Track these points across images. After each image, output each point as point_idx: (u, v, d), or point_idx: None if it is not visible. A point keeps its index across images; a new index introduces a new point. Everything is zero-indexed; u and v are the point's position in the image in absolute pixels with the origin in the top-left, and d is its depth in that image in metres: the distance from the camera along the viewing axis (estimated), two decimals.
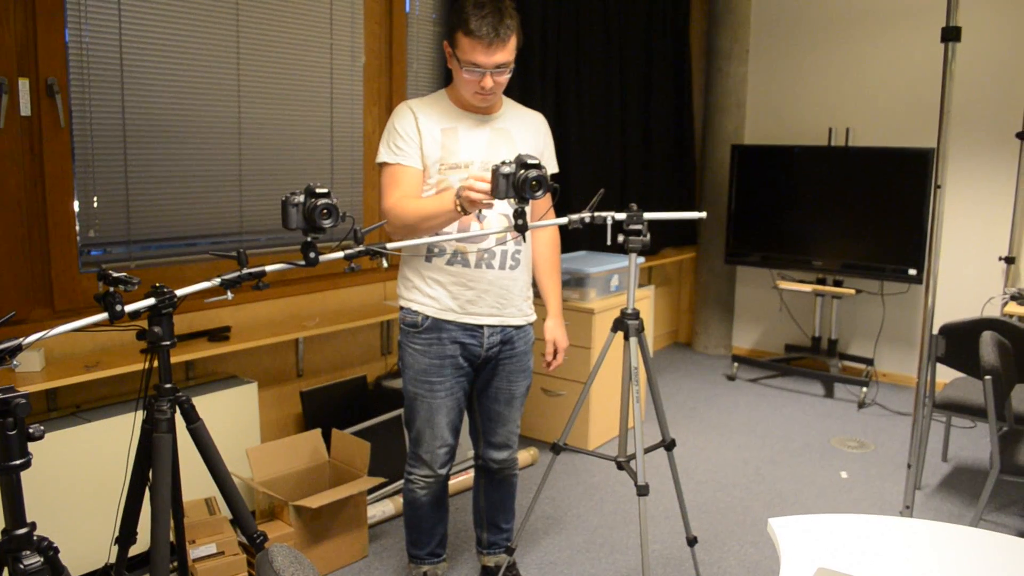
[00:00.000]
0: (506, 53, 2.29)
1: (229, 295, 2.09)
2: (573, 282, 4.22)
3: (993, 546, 1.57)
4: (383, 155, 2.43)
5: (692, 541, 2.69)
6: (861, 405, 5.11)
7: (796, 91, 5.84)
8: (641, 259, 4.52)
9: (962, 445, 4.48)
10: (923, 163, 4.93)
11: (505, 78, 2.35)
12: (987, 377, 3.00)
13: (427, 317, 2.48)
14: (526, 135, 2.54)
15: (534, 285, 2.68)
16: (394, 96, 3.94)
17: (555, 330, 2.68)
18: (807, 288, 5.48)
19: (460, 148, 2.42)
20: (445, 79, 4.17)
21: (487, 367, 2.61)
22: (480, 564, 2.97)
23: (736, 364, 5.67)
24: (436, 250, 2.45)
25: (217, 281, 2.08)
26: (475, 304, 2.48)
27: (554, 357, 2.69)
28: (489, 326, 2.51)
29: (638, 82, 5.41)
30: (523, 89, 4.43)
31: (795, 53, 5.82)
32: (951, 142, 5.27)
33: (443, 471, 2.64)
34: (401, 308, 2.56)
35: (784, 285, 5.57)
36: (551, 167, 2.59)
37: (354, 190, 3.87)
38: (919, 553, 1.54)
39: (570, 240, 4.89)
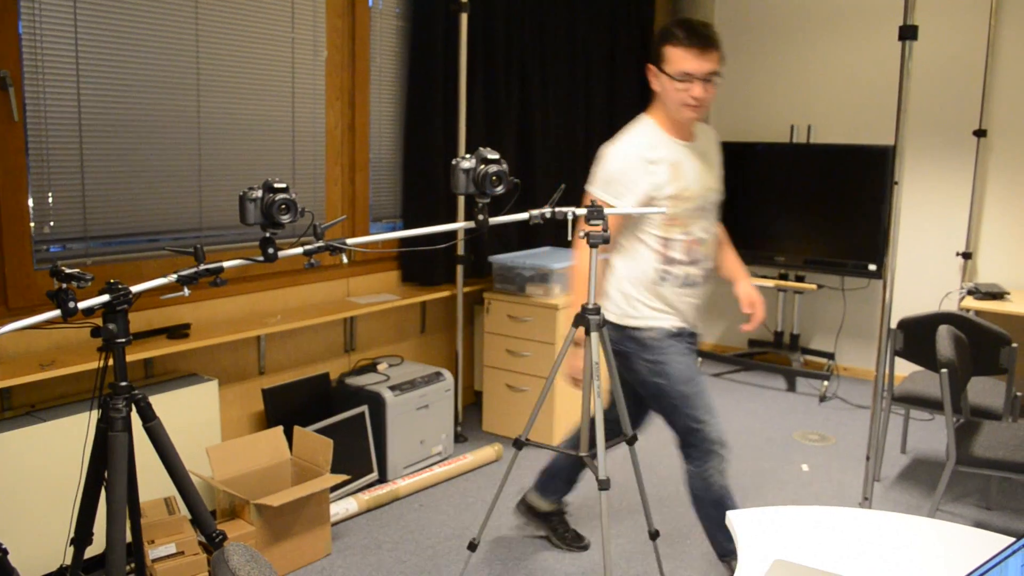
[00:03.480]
0: (715, 62, 2.45)
1: (186, 291, 2.07)
2: (537, 278, 4.23)
3: (947, 536, 1.60)
4: (608, 198, 2.61)
5: (654, 535, 2.70)
6: (822, 399, 5.17)
7: (758, 88, 5.89)
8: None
9: (921, 437, 4.55)
10: (882, 160, 5.00)
11: (712, 90, 2.48)
12: (943, 370, 3.05)
13: (675, 325, 2.70)
14: (714, 154, 2.74)
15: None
16: (357, 92, 3.91)
17: (747, 287, 2.85)
18: (770, 284, 5.53)
19: (688, 182, 2.58)
20: (409, 75, 4.14)
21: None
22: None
23: (700, 359, 5.71)
24: (668, 276, 2.65)
25: (173, 277, 2.05)
26: (695, 315, 2.78)
27: (753, 313, 2.83)
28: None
29: (603, 79, 5.42)
30: (487, 85, 4.43)
31: (757, 51, 5.87)
32: (910, 139, 5.35)
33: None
34: (639, 329, 2.68)
35: None
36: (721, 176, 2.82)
37: (316, 186, 3.84)
38: (875, 544, 1.56)
39: (534, 237, 4.89)
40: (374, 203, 4.13)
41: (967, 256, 5.21)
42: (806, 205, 5.37)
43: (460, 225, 2.26)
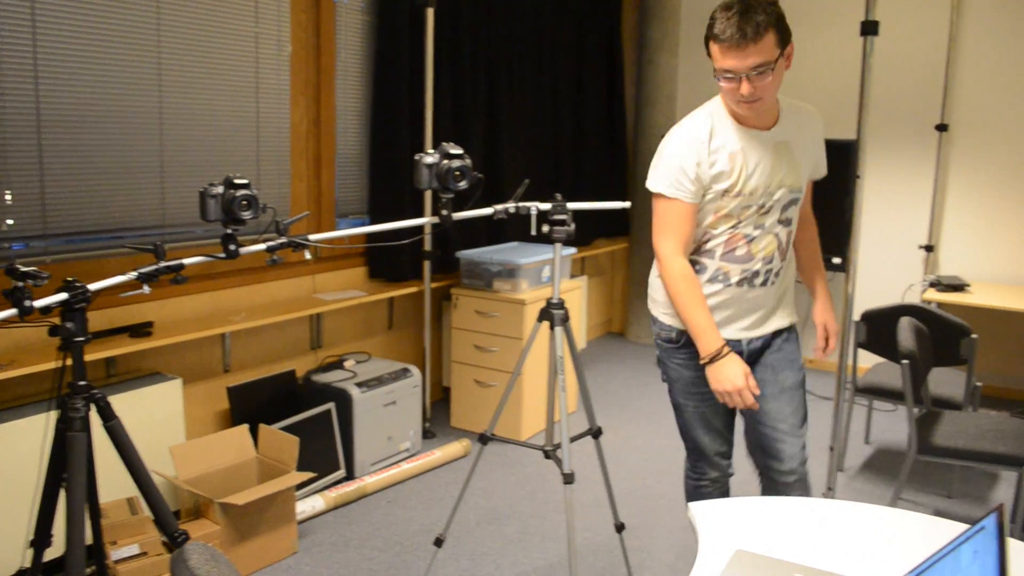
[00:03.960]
0: (760, 53, 2.03)
1: (146, 289, 2.04)
2: (504, 273, 4.23)
3: (907, 525, 1.62)
4: (661, 187, 2.20)
5: (620, 527, 2.72)
6: None
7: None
8: (572, 250, 4.54)
9: (884, 428, 4.61)
10: (846, 155, 5.06)
11: (767, 81, 2.06)
12: (904, 361, 3.09)
13: (683, 332, 2.32)
14: (806, 144, 2.31)
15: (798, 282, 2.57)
16: (322, 87, 3.88)
17: (824, 314, 2.52)
18: None
19: (749, 174, 2.20)
20: (375, 71, 4.12)
21: (751, 365, 2.41)
22: None
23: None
24: (697, 267, 2.29)
25: (133, 275, 2.03)
26: (734, 321, 2.33)
27: (826, 343, 2.52)
28: (748, 339, 2.36)
29: (570, 74, 5.43)
30: (454, 81, 4.42)
31: None
32: (873, 134, 5.41)
33: (731, 470, 2.56)
34: (655, 321, 2.41)
35: None
36: (822, 170, 2.43)
37: (281, 182, 3.80)
38: (836, 533, 1.57)
39: (501, 232, 4.89)
40: (340, 199, 4.10)
41: (929, 249, 5.29)
42: None
43: (424, 220, 2.26)
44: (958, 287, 4.73)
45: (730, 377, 2.12)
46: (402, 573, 2.99)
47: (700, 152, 2.15)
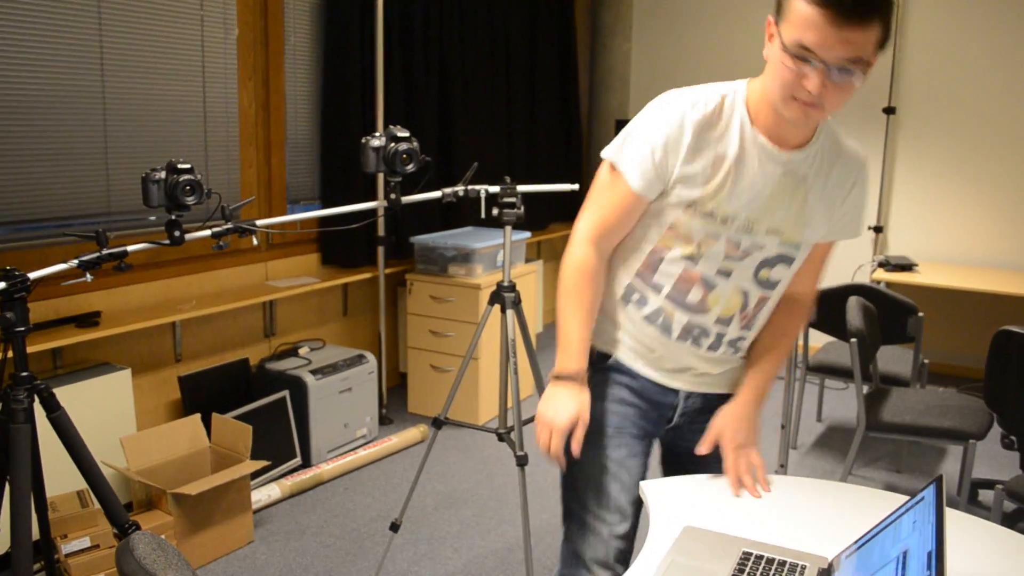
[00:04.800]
0: (864, 43, 1.38)
1: (88, 277, 2.00)
2: (459, 258, 4.22)
3: (856, 499, 1.65)
4: (614, 154, 1.63)
5: None
6: None
7: (678, 67, 5.96)
8: (526, 234, 4.55)
9: (835, 406, 4.70)
10: None
11: (850, 85, 1.41)
12: (853, 340, 3.15)
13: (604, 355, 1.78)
14: (832, 192, 1.64)
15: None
16: (271, 70, 3.83)
17: (731, 421, 1.74)
18: None
19: (728, 195, 1.58)
20: (325, 54, 4.07)
21: (677, 428, 1.83)
22: None
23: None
24: (636, 296, 1.70)
25: (75, 262, 1.99)
26: (670, 371, 1.75)
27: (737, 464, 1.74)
28: (689, 392, 1.77)
29: (523, 58, 5.41)
30: (406, 64, 4.38)
31: (676, 29, 5.93)
32: None
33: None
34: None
35: None
36: (853, 231, 1.72)
37: (231, 168, 3.75)
38: (786, 508, 1.60)
39: (455, 217, 4.87)
40: (291, 185, 4.06)
41: (878, 230, 5.38)
42: None
43: (373, 204, 2.24)
44: (906, 267, 4.82)
45: (558, 410, 1.61)
46: (359, 559, 2.98)
47: (683, 136, 1.55)
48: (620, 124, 5.72)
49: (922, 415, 3.16)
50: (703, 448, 1.72)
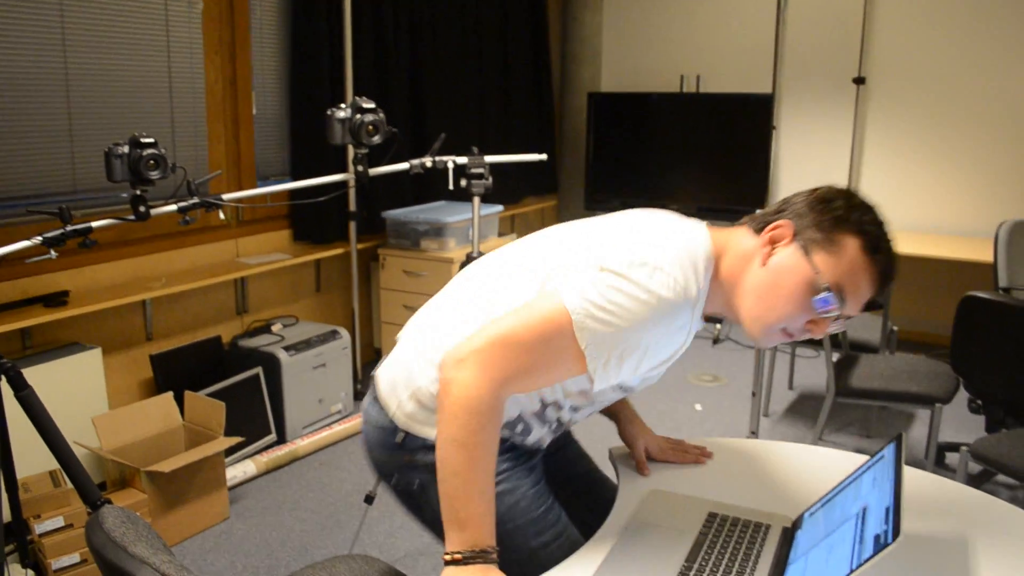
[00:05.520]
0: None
1: (52, 254, 1.99)
2: (431, 232, 4.21)
3: (823, 461, 1.67)
4: (588, 333, 1.29)
5: None
6: (716, 341, 5.34)
7: (648, 39, 5.95)
8: (499, 207, 4.54)
9: (807, 374, 4.75)
10: (766, 108, 5.13)
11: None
12: None
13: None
14: None
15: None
16: (237, 45, 3.78)
17: (642, 437, 1.70)
18: None
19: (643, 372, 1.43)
20: (293, 26, 4.01)
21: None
22: None
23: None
24: (520, 427, 1.47)
25: (38, 239, 1.97)
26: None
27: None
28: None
29: (495, 31, 5.38)
30: (376, 37, 4.33)
31: (646, 1, 5.91)
32: (792, 88, 5.49)
33: None
34: (407, 436, 1.46)
35: None
36: None
37: (198, 144, 3.71)
38: (752, 470, 1.62)
39: (428, 191, 4.85)
40: (261, 161, 4.02)
41: None
42: (696, 153, 5.48)
43: (340, 177, 2.23)
44: None
45: None
46: (335, 532, 2.99)
47: (672, 343, 1.36)
48: (592, 97, 5.71)
49: (890, 380, 3.20)
50: (646, 472, 1.62)
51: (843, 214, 1.31)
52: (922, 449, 3.72)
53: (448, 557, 1.24)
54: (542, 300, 1.31)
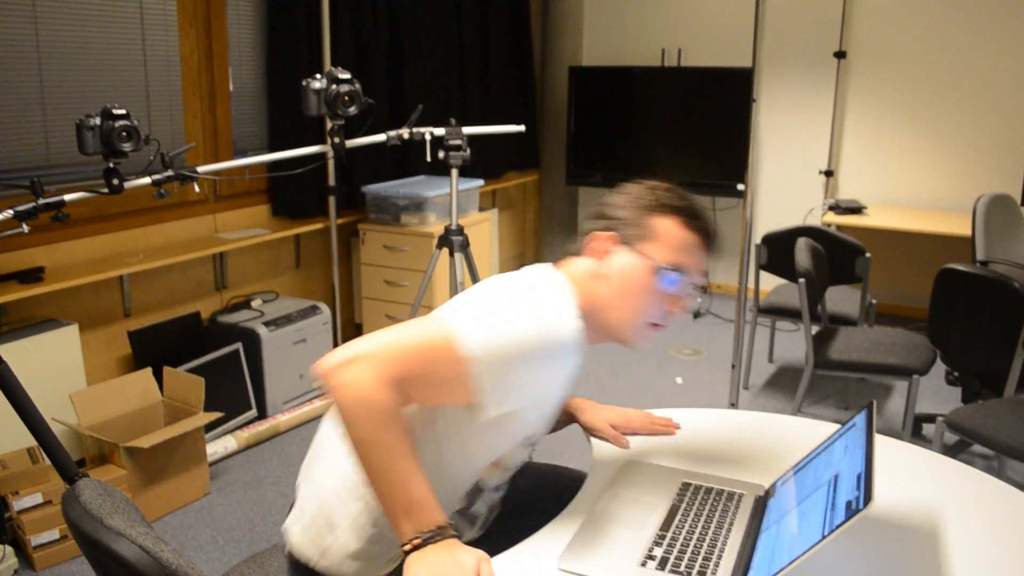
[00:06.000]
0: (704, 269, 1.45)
1: (25, 228, 1.96)
2: (412, 207, 4.19)
3: (796, 430, 1.69)
4: (466, 337, 1.26)
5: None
6: (696, 315, 5.36)
7: (630, 12, 5.91)
8: (479, 181, 4.52)
9: (787, 347, 4.78)
10: (747, 81, 5.12)
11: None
12: (801, 280, 3.20)
13: None
14: None
15: None
16: (212, 17, 3.72)
17: (606, 411, 1.70)
18: None
19: (550, 413, 1.44)
20: (269, 4, 3.95)
21: None
22: None
23: None
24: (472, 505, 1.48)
25: (9, 213, 1.94)
26: None
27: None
28: None
29: (474, 4, 5.33)
30: (355, 11, 4.28)
31: None
32: (774, 62, 5.48)
33: None
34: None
35: None
36: None
37: (174, 118, 3.66)
38: (727, 440, 1.63)
39: (409, 165, 4.82)
40: (239, 135, 3.98)
41: (829, 174, 5.43)
42: (678, 128, 5.47)
43: (316, 149, 2.21)
44: (856, 210, 4.89)
45: (451, 568, 1.17)
46: None
47: (556, 380, 1.35)
48: (573, 71, 5.68)
49: (868, 352, 3.23)
50: (625, 444, 1.63)
51: (649, 203, 1.42)
52: (899, 420, 3.76)
53: (408, 547, 1.20)
54: (425, 320, 1.30)
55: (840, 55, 5.26)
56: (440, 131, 2.20)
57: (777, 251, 3.91)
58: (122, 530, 1.22)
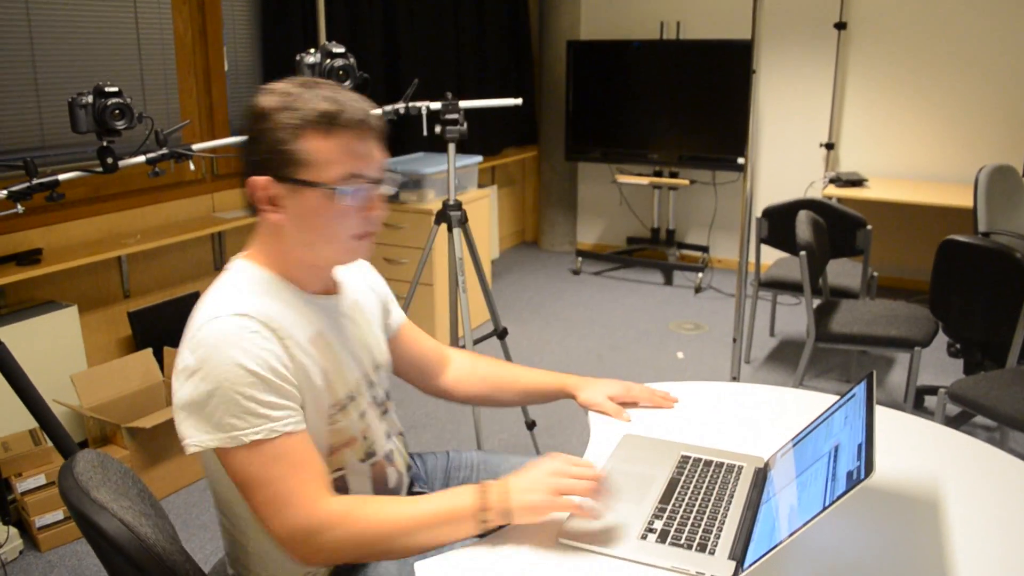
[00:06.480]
0: (380, 149, 1.33)
1: (20, 208, 1.95)
2: (410, 184, 4.17)
3: (795, 402, 1.68)
4: (237, 429, 1.20)
5: (531, 425, 2.77)
6: (697, 290, 5.35)
7: None
8: (478, 158, 4.50)
9: (788, 321, 4.77)
10: (747, 54, 5.08)
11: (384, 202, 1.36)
12: (802, 252, 3.18)
13: None
14: (372, 303, 1.55)
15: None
16: None
17: (605, 385, 1.69)
18: (645, 181, 5.62)
19: (342, 367, 1.37)
20: None
21: None
22: None
23: (580, 259, 5.80)
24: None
25: (2, 193, 1.93)
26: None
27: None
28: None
29: None
30: None
31: None
32: (774, 34, 5.44)
33: None
34: None
35: (623, 179, 5.70)
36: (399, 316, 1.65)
37: (169, 98, 3.64)
38: (726, 413, 1.62)
39: (408, 142, 4.80)
40: (235, 114, 3.95)
41: (830, 146, 5.40)
42: (677, 102, 5.43)
43: None
44: (857, 182, 4.86)
45: (547, 467, 1.25)
46: None
47: (278, 348, 1.24)
48: (571, 45, 5.64)
49: (870, 325, 3.22)
50: (626, 418, 1.61)
51: (282, 128, 1.25)
52: (901, 393, 3.76)
53: (483, 525, 1.21)
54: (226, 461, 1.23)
55: (840, 26, 5.21)
56: (436, 105, 2.18)
57: (778, 224, 3.89)
58: (105, 503, 1.21)
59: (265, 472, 1.20)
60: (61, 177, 1.94)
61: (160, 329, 3.49)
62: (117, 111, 1.85)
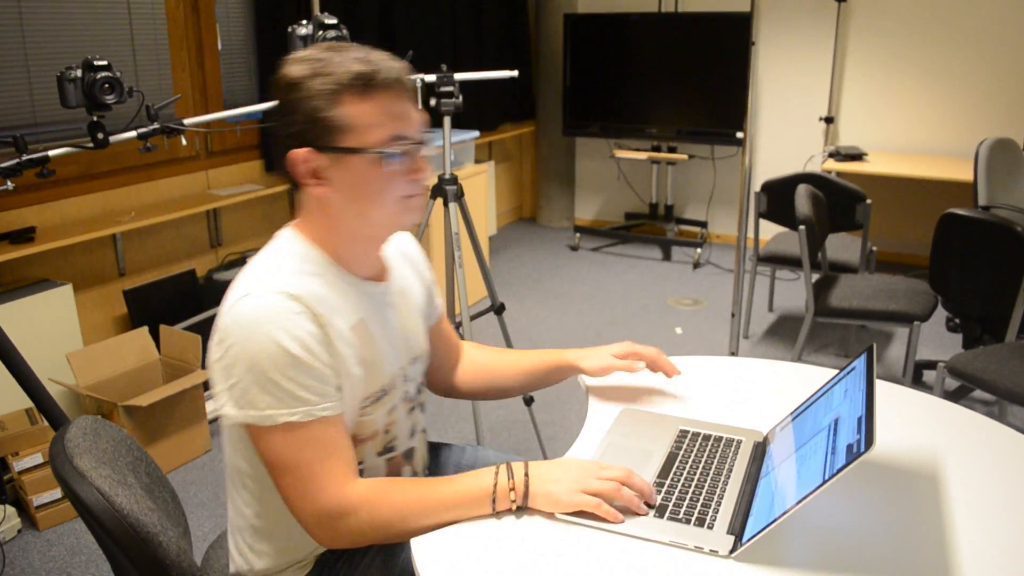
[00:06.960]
0: (418, 109, 1.29)
1: (9, 185, 1.93)
2: None
3: (793, 375, 1.67)
4: (272, 408, 1.18)
5: (528, 401, 2.76)
6: (696, 265, 5.33)
7: None
8: (475, 133, 4.46)
9: (787, 296, 4.76)
10: (746, 27, 5.03)
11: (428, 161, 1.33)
12: (801, 227, 3.16)
13: None
14: (418, 291, 1.51)
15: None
16: None
17: (600, 357, 1.58)
18: (643, 156, 5.59)
19: (381, 359, 1.34)
20: None
21: None
22: None
23: (578, 235, 5.78)
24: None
25: None
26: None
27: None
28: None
29: None
30: None
31: None
32: (773, 7, 5.38)
33: None
34: None
35: (621, 154, 5.66)
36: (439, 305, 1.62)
37: (162, 74, 3.60)
38: (724, 387, 1.61)
39: None
40: (229, 90, 3.91)
41: (829, 120, 5.36)
42: (675, 76, 5.39)
43: None
44: (856, 156, 4.83)
45: (587, 466, 1.24)
46: None
47: (318, 333, 1.21)
48: (568, 18, 5.58)
49: (869, 299, 3.21)
50: (639, 369, 1.58)
51: (317, 95, 1.20)
52: (900, 368, 3.75)
53: (511, 504, 1.20)
54: (253, 436, 1.23)
55: None
56: (431, 77, 2.15)
57: (777, 199, 3.87)
58: (85, 470, 1.20)
59: (297, 454, 1.19)
60: (51, 152, 1.92)
61: (156, 307, 3.47)
62: (107, 85, 1.82)
